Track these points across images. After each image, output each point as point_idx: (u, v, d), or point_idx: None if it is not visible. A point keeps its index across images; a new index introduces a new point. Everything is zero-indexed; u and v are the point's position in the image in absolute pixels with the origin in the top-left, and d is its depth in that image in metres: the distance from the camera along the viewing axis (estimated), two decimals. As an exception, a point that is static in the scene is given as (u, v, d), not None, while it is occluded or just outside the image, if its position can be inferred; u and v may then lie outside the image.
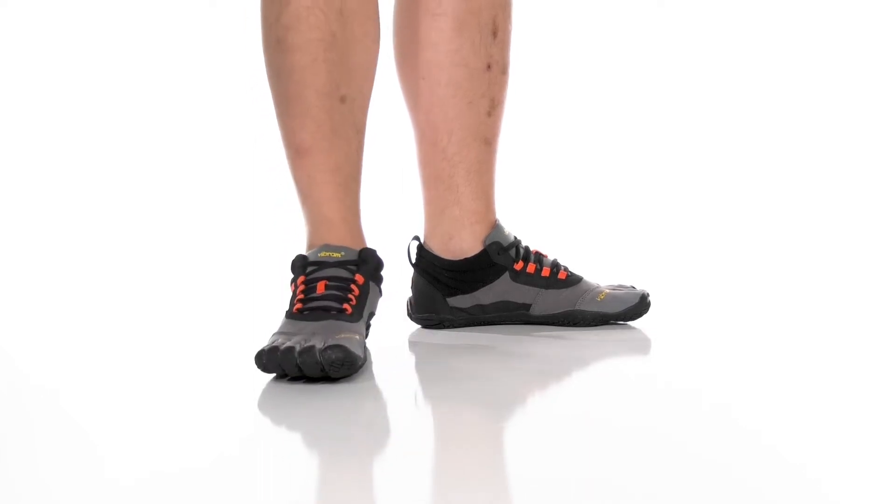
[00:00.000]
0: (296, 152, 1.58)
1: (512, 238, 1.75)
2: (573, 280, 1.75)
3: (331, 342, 1.43)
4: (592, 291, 1.75)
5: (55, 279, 2.37)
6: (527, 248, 1.76)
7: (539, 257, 1.76)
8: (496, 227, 1.74)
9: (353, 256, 1.57)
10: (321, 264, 1.56)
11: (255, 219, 2.85)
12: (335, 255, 1.56)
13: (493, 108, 1.68)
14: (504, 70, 1.69)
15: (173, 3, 3.20)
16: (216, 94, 3.18)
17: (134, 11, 3.20)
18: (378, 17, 1.61)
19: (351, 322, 1.51)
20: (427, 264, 1.75)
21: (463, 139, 1.70)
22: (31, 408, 1.39)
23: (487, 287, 1.73)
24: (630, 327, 1.75)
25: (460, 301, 1.74)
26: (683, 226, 2.84)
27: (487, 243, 1.73)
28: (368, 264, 1.57)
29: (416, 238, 1.77)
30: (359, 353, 1.45)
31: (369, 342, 1.59)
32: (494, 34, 1.63)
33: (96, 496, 1.07)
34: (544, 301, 1.74)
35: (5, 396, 1.45)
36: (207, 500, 1.06)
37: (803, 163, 3.08)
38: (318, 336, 1.46)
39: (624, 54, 3.28)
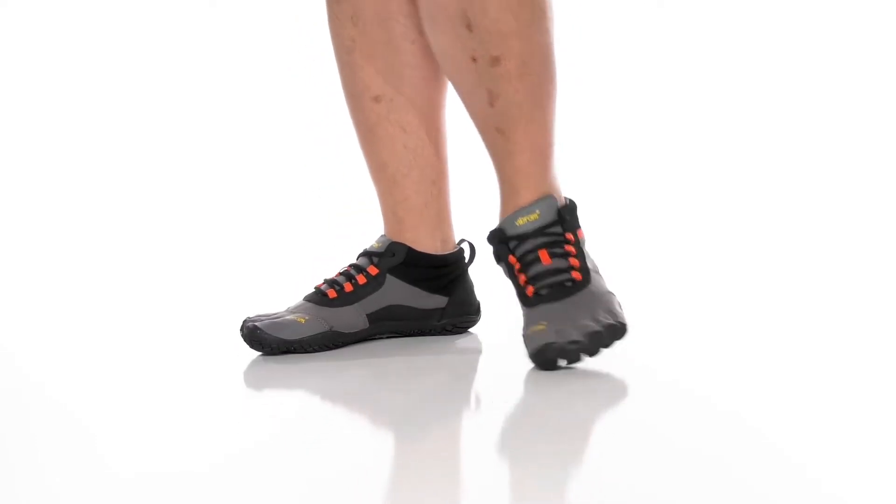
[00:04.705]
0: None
1: (514, 233, 1.56)
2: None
3: (264, 322, 1.56)
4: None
5: (55, 279, 2.37)
6: (527, 252, 1.55)
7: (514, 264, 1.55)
8: (503, 220, 1.59)
9: (382, 249, 1.64)
10: (370, 255, 1.65)
11: (254, 219, 2.85)
12: (375, 245, 1.66)
13: (493, 98, 1.57)
14: (494, 62, 1.55)
15: (173, 3, 3.20)
16: (216, 94, 3.18)
17: (134, 11, 3.20)
18: (402, 20, 1.63)
19: (329, 307, 1.58)
20: None
21: (479, 127, 1.62)
22: (32, 407, 1.39)
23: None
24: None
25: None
26: (682, 227, 2.84)
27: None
28: (394, 258, 1.63)
29: None
30: (280, 335, 1.54)
31: (369, 342, 1.59)
32: (469, 28, 1.54)
33: (96, 496, 1.07)
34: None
35: (5, 396, 1.46)
36: (207, 500, 1.06)
37: (803, 163, 3.08)
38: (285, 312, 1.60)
39: (623, 54, 3.28)
